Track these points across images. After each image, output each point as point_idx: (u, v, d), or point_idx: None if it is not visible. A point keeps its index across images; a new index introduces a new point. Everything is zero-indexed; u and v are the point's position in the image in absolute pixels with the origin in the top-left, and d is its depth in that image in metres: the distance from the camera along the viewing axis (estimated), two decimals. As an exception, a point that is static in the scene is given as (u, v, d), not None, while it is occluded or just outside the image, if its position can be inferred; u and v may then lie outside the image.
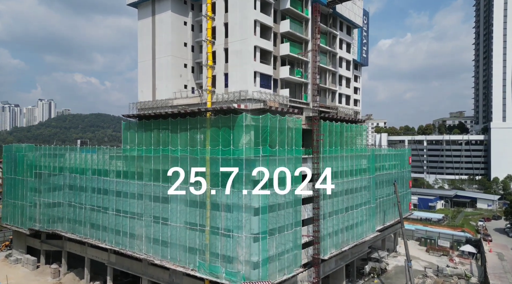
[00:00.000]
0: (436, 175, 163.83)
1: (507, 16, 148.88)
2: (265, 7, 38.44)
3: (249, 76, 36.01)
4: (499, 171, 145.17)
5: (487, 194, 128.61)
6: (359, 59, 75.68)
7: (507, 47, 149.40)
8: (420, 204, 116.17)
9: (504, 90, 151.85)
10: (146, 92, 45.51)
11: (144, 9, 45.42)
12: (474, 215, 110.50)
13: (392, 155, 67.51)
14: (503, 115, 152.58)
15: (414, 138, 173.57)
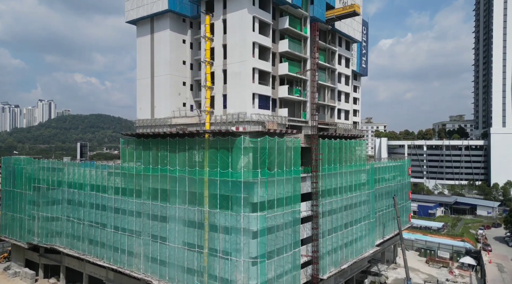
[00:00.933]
0: (436, 180, 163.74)
1: (506, 22, 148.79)
2: (263, 28, 38.33)
3: (248, 98, 35.87)
4: (499, 176, 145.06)
5: (487, 201, 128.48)
6: (358, 70, 75.54)
7: (507, 53, 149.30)
8: (420, 211, 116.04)
9: (504, 95, 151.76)
10: (144, 110, 45.39)
11: (142, 26, 45.31)
12: (474, 222, 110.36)
13: (391, 166, 67.40)
14: (503, 120, 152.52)
15: (414, 143, 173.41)
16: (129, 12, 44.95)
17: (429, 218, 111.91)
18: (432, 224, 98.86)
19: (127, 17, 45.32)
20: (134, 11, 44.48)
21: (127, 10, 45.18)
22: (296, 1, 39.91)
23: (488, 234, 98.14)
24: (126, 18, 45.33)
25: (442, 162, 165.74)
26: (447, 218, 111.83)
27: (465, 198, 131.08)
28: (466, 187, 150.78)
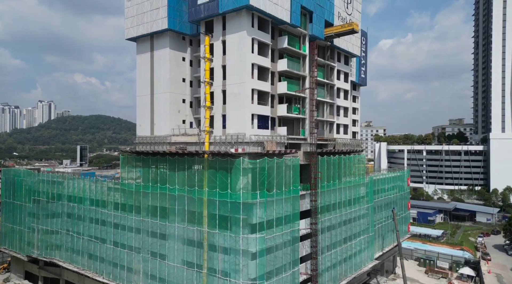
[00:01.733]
0: (435, 185, 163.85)
1: (505, 27, 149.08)
2: (262, 48, 38.51)
3: (247, 119, 36.04)
4: (498, 181, 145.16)
5: (486, 207, 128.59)
6: (358, 81, 75.72)
7: (506, 58, 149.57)
8: (419, 218, 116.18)
9: (503, 101, 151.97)
10: (144, 127, 45.55)
11: (142, 43, 45.48)
12: (474, 229, 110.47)
13: (390, 177, 67.58)
14: (502, 126, 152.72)
15: (414, 148, 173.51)
16: (129, 29, 45.13)
17: (428, 225, 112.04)
18: (431, 232, 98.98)
19: (127, 35, 45.50)
20: (134, 29, 44.67)
21: (127, 27, 45.36)
22: (294, 20, 40.10)
23: (487, 241, 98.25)
24: (126, 35, 45.50)
25: (441, 167, 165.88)
26: (446, 224, 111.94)
27: (464, 204, 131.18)
28: (466, 192, 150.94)
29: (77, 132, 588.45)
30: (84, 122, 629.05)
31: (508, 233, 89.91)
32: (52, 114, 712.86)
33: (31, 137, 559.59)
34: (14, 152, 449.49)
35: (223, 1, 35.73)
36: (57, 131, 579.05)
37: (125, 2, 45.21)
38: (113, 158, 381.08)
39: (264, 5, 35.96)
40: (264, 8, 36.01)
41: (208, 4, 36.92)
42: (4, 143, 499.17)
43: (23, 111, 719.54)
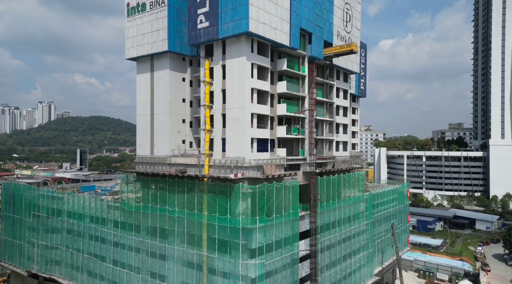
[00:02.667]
0: (435, 191, 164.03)
1: (505, 34, 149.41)
2: (262, 71, 38.66)
3: (246, 143, 36.16)
4: (498, 188, 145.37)
5: (485, 214, 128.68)
6: (357, 92, 75.89)
7: (505, 65, 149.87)
8: (419, 226, 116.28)
9: (502, 107, 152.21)
10: (144, 146, 45.67)
11: (143, 63, 45.61)
12: (473, 238, 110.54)
13: (390, 191, 67.66)
14: (501, 132, 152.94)
15: (413, 153, 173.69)
16: (130, 50, 45.28)
17: (428, 233, 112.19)
18: (431, 242, 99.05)
19: (127, 55, 45.65)
20: (134, 49, 44.81)
21: (127, 47, 45.50)
22: (294, 44, 40.25)
23: (487, 250, 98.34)
24: (127, 55, 45.65)
25: (441, 173, 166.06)
26: (446, 233, 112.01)
27: (464, 212, 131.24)
28: (465, 199, 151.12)
29: (77, 133, 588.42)
30: (84, 124, 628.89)
31: (507, 243, 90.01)
32: (52, 115, 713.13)
33: (31, 138, 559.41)
34: (14, 154, 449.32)
35: (223, 27, 35.88)
36: (57, 132, 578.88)
37: (125, 23, 45.37)
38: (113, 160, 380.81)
39: (263, 31, 36.12)
40: (263, 33, 36.16)
41: (208, 29, 37.06)
42: (4, 144, 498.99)
43: (23, 112, 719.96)
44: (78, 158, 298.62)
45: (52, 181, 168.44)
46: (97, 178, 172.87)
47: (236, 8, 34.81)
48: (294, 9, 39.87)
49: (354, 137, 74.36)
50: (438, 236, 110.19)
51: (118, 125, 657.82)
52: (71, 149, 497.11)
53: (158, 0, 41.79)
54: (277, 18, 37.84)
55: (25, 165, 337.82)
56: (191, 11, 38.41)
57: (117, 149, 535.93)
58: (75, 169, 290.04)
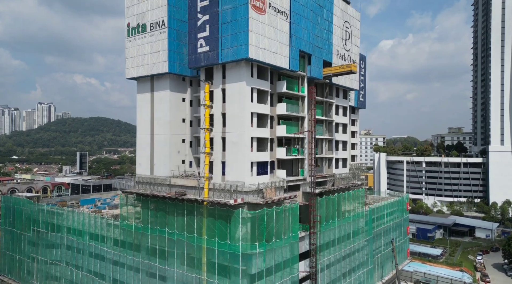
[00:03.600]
0: (435, 197, 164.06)
1: (504, 41, 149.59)
2: (261, 95, 38.76)
3: (246, 167, 36.23)
4: (497, 194, 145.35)
5: (485, 221, 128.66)
6: (356, 104, 76.02)
7: (505, 71, 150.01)
8: (419, 234, 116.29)
9: (502, 114, 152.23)
10: (144, 166, 45.72)
11: (143, 83, 45.68)
12: (473, 246, 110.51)
13: (390, 204, 67.75)
14: (501, 138, 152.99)
15: (413, 159, 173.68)
16: (130, 69, 45.34)
17: (428, 242, 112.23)
18: (431, 251, 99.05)
19: (127, 74, 45.72)
20: (134, 69, 44.88)
21: (127, 67, 45.57)
22: (293, 66, 40.36)
23: (486, 260, 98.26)
24: (127, 75, 45.72)
25: (441, 179, 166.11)
26: (445, 241, 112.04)
27: (463, 219, 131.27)
28: (465, 205, 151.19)
29: (77, 134, 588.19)
30: (84, 125, 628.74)
31: (507, 253, 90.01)
32: (52, 116, 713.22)
33: (31, 139, 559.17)
34: (13, 155, 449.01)
35: (223, 52, 35.97)
36: (56, 133, 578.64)
37: (125, 43, 45.44)
38: (113, 162, 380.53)
39: (263, 56, 36.22)
40: (263, 59, 36.26)
41: (208, 53, 37.15)
42: (4, 146, 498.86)
43: (23, 113, 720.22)
44: (78, 161, 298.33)
45: (52, 186, 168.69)
46: (97, 183, 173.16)
47: (236, 34, 34.91)
48: (293, 32, 40.00)
49: (354, 149, 74.50)
50: (438, 244, 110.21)
51: (118, 126, 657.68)
52: (70, 150, 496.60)
53: (159, 22, 41.88)
54: (276, 42, 37.95)
55: (25, 167, 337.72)
56: (191, 34, 38.50)
57: (117, 150, 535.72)
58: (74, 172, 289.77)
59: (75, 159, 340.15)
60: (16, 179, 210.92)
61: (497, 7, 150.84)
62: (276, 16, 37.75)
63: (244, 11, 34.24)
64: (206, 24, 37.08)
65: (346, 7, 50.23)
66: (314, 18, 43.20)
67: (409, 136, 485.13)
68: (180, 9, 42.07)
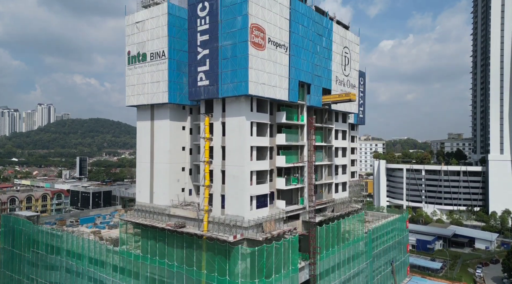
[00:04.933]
0: (434, 205, 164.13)
1: (503, 50, 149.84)
2: (261, 127, 38.82)
3: (246, 202, 36.27)
4: (497, 203, 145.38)
5: (485, 232, 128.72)
6: (356, 121, 76.07)
7: (504, 80, 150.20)
8: (418, 246, 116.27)
9: (501, 123, 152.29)
10: (144, 193, 45.74)
11: (143, 111, 45.73)
12: (473, 258, 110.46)
13: (389, 222, 67.74)
14: (500, 147, 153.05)
15: (412, 167, 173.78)
16: (130, 97, 45.39)
17: (427, 253, 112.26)
18: (430, 265, 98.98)
19: (127, 102, 45.77)
20: (134, 98, 44.93)
21: (128, 95, 45.63)
22: (292, 98, 40.43)
23: (486, 273, 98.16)
24: (127, 102, 45.78)
25: (440, 187, 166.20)
26: (445, 252, 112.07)
27: (463, 229, 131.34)
28: (465, 213, 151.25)
29: (77, 135, 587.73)
30: (84, 126, 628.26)
31: (507, 268, 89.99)
32: (51, 118, 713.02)
33: (30, 141, 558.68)
34: (13, 157, 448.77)
35: (222, 87, 36.04)
36: (56, 135, 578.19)
37: (126, 71, 45.50)
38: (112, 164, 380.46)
39: (262, 91, 36.29)
40: (262, 94, 36.34)
41: (208, 87, 37.22)
42: (3, 147, 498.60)
43: (23, 114, 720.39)
44: (78, 165, 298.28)
45: (51, 193, 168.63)
46: (97, 190, 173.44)
47: (236, 71, 34.98)
48: (292, 64, 40.08)
49: (354, 165, 74.60)
50: (438, 255, 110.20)
51: (117, 127, 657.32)
52: (70, 152, 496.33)
53: (159, 52, 41.95)
54: (276, 76, 38.02)
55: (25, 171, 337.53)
56: (191, 67, 38.57)
57: (116, 152, 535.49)
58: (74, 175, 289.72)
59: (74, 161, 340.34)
60: (15, 186, 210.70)
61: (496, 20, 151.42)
62: (276, 50, 37.84)
63: (244, 48, 34.33)
64: (206, 58, 37.17)
65: (345, 33, 50.35)
66: (313, 47, 43.31)
67: (409, 138, 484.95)
68: (180, 39, 42.15)
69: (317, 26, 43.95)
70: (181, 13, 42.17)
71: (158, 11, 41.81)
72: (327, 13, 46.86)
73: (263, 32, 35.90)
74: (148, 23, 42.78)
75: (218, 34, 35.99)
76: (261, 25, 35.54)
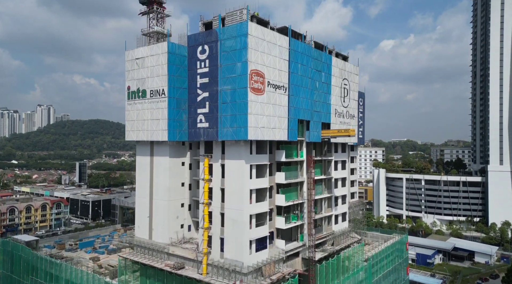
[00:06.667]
0: (434, 215, 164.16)
1: (503, 60, 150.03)
2: (260, 168, 38.75)
3: (245, 246, 36.20)
4: (496, 214, 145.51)
5: (484, 244, 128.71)
6: (355, 143, 76.09)
7: (503, 91, 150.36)
8: (418, 260, 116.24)
9: (501, 133, 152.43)
10: (143, 229, 45.65)
11: (142, 147, 45.65)
12: (473, 272, 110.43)
13: (389, 246, 67.62)
14: (500, 158, 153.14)
15: (412, 177, 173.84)
16: (129, 132, 45.35)
17: (427, 268, 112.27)
18: (431, 281, 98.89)
19: (127, 137, 45.72)
20: (134, 133, 44.89)
21: (127, 130, 45.59)
22: (292, 137, 40.40)
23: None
24: (127, 137, 45.73)
25: (440, 197, 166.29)
26: (445, 267, 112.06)
27: (463, 242, 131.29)
28: (465, 224, 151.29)
29: (76, 137, 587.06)
30: (83, 127, 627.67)
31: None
32: (51, 119, 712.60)
33: (30, 142, 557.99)
34: (13, 159, 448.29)
35: (222, 131, 36.00)
36: (56, 136, 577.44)
37: (126, 105, 45.45)
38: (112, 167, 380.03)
39: (262, 135, 36.26)
40: (262, 137, 36.31)
41: (207, 129, 37.19)
42: (3, 149, 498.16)
43: (22, 115, 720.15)
44: (77, 171, 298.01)
45: (51, 203, 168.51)
46: (96, 198, 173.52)
47: (236, 116, 34.95)
48: (292, 104, 40.06)
49: (353, 185, 74.67)
50: (437, 270, 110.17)
51: (117, 128, 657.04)
52: (70, 154, 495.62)
53: (159, 90, 41.89)
54: (275, 118, 38.00)
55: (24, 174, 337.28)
56: (191, 108, 38.54)
57: (116, 154, 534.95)
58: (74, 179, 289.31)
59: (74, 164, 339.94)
60: (15, 193, 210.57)
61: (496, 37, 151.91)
62: (275, 92, 37.82)
63: (243, 95, 34.31)
64: (206, 101, 37.14)
65: (344, 65, 50.35)
66: (312, 84, 43.30)
67: (409, 140, 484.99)
68: (180, 76, 42.06)
69: (316, 62, 43.95)
70: (181, 50, 42.12)
71: (158, 49, 41.77)
72: (326, 47, 46.87)
73: (263, 76, 35.89)
74: (148, 61, 42.73)
75: (218, 78, 35.98)
76: (260, 70, 35.54)
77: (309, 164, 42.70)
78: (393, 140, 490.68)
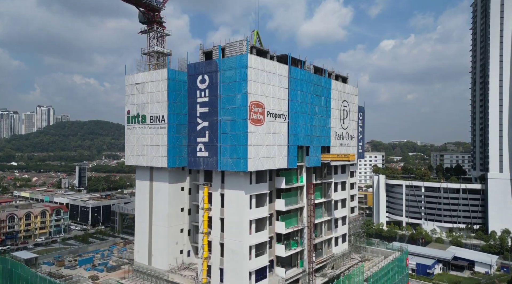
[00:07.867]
0: (434, 222, 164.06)
1: (502, 68, 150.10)
2: (260, 197, 38.69)
3: (245, 277, 36.12)
4: (496, 221, 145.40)
5: (485, 253, 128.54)
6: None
7: (503, 99, 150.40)
8: (418, 270, 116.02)
9: (500, 141, 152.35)
10: (142, 254, 45.56)
11: (142, 171, 45.59)
12: (473, 283, 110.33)
13: (389, 264, 67.42)
14: (500, 166, 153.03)
15: (412, 183, 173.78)
16: (129, 157, 45.28)
17: (427, 278, 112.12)
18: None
19: (127, 161, 45.67)
20: (134, 158, 44.82)
21: (127, 154, 45.52)
22: (291, 164, 40.34)
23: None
24: (126, 161, 45.68)
25: (440, 204, 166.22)
26: (445, 277, 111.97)
27: (463, 251, 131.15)
28: (465, 232, 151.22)
29: (76, 138, 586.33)
30: (83, 128, 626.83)
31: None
32: (51, 119, 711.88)
33: (30, 143, 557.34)
34: (12, 161, 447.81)
35: (221, 161, 35.91)
36: (56, 137, 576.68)
37: (125, 129, 45.36)
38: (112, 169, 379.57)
39: (262, 165, 36.18)
40: (262, 167, 36.24)
41: (207, 159, 37.11)
42: (3, 150, 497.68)
43: (22, 116, 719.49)
44: (77, 175, 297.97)
45: (50, 210, 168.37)
46: (96, 204, 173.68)
47: (235, 147, 34.88)
48: (291, 131, 39.99)
49: (353, 200, 74.57)
50: (437, 280, 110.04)
51: (117, 129, 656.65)
52: (70, 155, 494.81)
53: (158, 117, 41.81)
54: (274, 146, 37.92)
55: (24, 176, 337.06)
56: (191, 137, 38.46)
57: (116, 155, 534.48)
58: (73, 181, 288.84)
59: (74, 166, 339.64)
60: (14, 199, 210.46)
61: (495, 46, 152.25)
62: (275, 121, 37.75)
63: (243, 126, 34.24)
64: (206, 130, 37.06)
65: (344, 87, 50.27)
66: (312, 110, 43.23)
67: (408, 141, 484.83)
68: (180, 102, 42.02)
69: (316, 87, 43.90)
70: (181, 76, 42.07)
71: (158, 75, 41.70)
72: (325, 70, 46.79)
73: (262, 107, 35.82)
74: (148, 86, 42.66)
75: (218, 108, 35.92)
76: (260, 101, 35.47)
77: (309, 191, 42.62)
78: (393, 142, 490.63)
